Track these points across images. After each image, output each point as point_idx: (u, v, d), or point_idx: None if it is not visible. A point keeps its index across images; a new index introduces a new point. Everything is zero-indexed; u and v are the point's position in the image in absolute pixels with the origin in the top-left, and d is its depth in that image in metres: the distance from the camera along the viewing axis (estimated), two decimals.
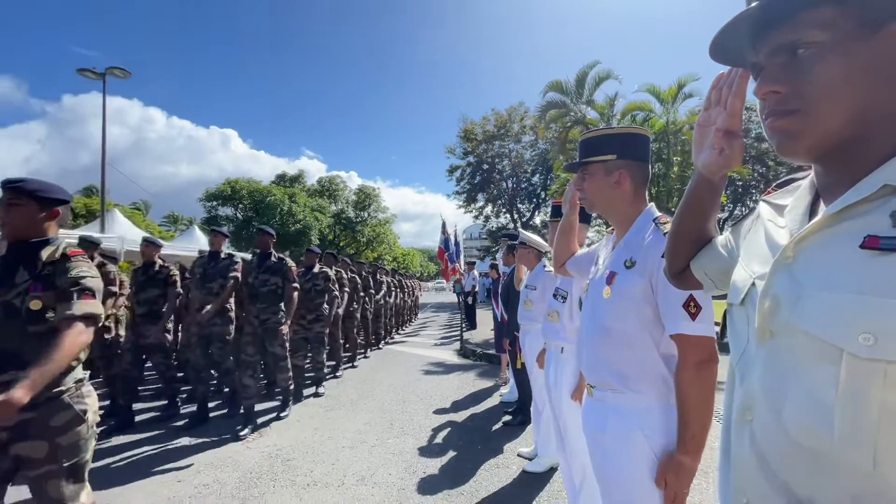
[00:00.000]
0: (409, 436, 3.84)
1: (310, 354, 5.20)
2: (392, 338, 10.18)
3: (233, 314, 4.25)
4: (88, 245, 4.20)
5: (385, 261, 38.35)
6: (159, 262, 4.37)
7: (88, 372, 1.70)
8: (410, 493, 2.80)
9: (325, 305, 5.22)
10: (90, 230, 8.68)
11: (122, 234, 9.87)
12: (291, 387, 4.38)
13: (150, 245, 4.43)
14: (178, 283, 4.37)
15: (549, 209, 2.75)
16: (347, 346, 7.05)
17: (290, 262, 4.23)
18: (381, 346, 8.91)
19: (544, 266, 3.07)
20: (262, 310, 4.04)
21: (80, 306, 1.59)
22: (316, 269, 5.27)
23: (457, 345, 9.11)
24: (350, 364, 6.98)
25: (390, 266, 21.00)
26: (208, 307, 3.93)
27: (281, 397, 4.50)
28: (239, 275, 4.12)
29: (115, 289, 4.28)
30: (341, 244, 36.73)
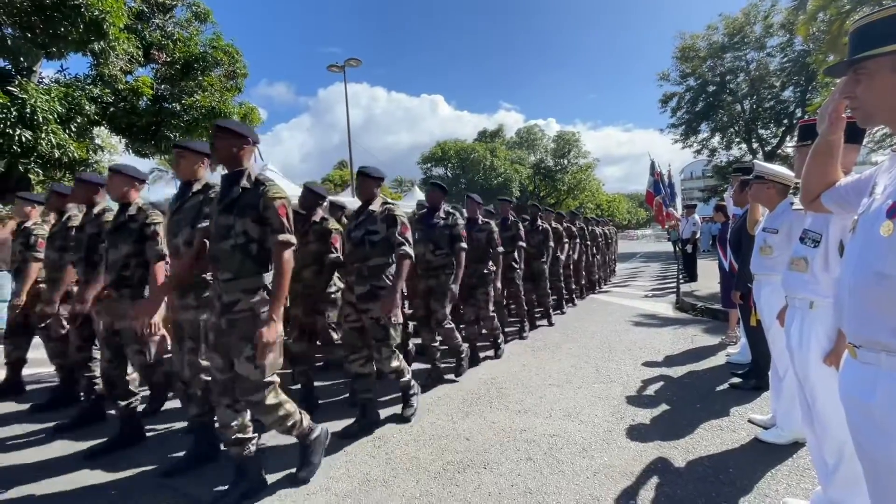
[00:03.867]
0: (616, 383, 3.81)
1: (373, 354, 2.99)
2: (569, 306, 7.61)
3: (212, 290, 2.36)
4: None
5: (587, 209, 36.80)
6: (137, 203, 2.75)
7: None
8: (618, 436, 2.83)
9: (389, 274, 2.92)
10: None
11: None
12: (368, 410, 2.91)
13: (114, 175, 2.72)
14: (160, 236, 2.66)
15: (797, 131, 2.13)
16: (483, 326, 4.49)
17: (278, 191, 2.09)
18: (551, 321, 6.26)
19: (791, 203, 2.47)
20: (224, 285, 2.11)
21: None
22: (376, 207, 2.95)
23: (672, 297, 8.30)
24: (494, 355, 4.63)
25: (593, 214, 19.99)
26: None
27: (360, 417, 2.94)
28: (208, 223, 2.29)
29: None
30: (542, 194, 36.83)
